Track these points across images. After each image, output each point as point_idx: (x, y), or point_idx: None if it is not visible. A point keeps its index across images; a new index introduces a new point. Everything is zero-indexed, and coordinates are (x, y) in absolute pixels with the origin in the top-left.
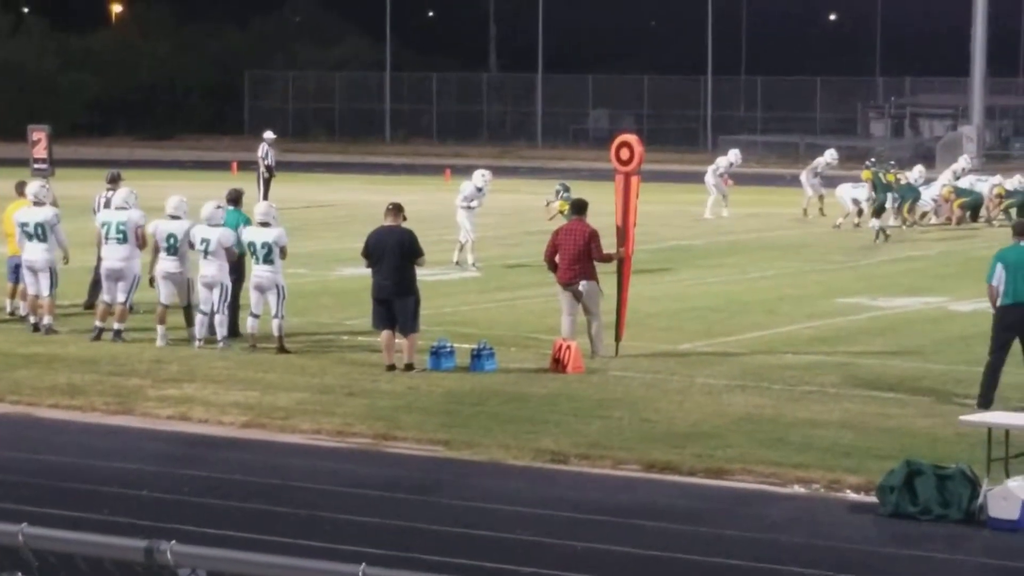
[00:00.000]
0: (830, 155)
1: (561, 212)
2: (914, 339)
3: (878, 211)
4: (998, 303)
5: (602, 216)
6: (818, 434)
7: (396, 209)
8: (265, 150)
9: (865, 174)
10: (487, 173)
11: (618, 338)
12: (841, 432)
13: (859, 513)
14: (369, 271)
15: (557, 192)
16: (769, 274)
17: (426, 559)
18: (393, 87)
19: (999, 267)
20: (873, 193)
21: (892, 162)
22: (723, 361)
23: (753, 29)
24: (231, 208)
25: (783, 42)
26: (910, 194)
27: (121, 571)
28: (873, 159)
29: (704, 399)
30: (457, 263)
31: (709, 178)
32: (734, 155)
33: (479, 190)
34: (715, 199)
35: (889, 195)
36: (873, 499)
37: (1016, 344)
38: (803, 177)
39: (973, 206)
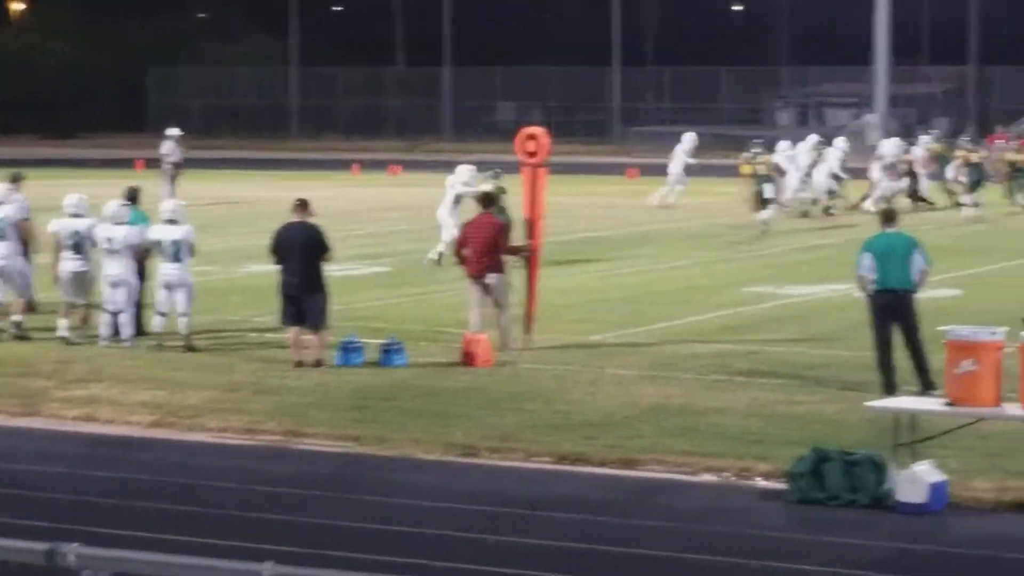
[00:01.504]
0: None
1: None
2: (821, 326)
3: (762, 203)
4: (870, 291)
5: (511, 209)
6: (728, 422)
7: (303, 205)
8: (171, 147)
9: (744, 168)
10: (472, 168)
11: (528, 330)
12: (750, 420)
13: (769, 500)
14: (277, 268)
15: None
16: (679, 264)
17: (337, 556)
18: (299, 83)
19: (868, 256)
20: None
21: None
22: (634, 352)
23: (659, 20)
24: (128, 206)
25: (689, 33)
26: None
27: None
28: (753, 151)
29: (615, 390)
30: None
31: (676, 167)
32: (689, 140)
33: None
34: (673, 190)
35: (766, 185)
36: (782, 486)
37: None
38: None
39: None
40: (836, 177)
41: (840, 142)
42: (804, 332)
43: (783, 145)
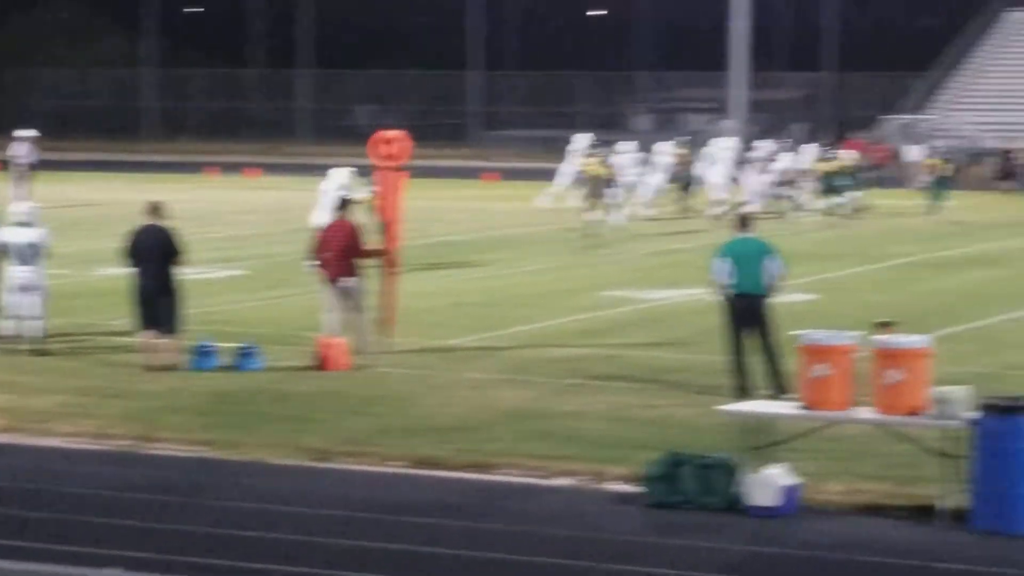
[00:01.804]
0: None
1: None
2: (677, 330)
3: (593, 205)
4: (725, 295)
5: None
6: (583, 426)
7: (156, 208)
8: (24, 148)
9: (590, 168)
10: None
11: (385, 334)
12: (606, 424)
13: (623, 504)
14: (130, 271)
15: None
16: (537, 268)
17: (189, 561)
18: (155, 84)
19: (723, 261)
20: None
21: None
22: (491, 356)
23: (518, 24)
24: None
25: (548, 38)
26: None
27: None
28: (594, 150)
29: (471, 394)
30: None
31: (566, 167)
32: (583, 140)
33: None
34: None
35: (607, 189)
36: (637, 490)
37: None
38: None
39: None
40: (730, 179)
41: (727, 143)
42: (660, 336)
43: (625, 147)
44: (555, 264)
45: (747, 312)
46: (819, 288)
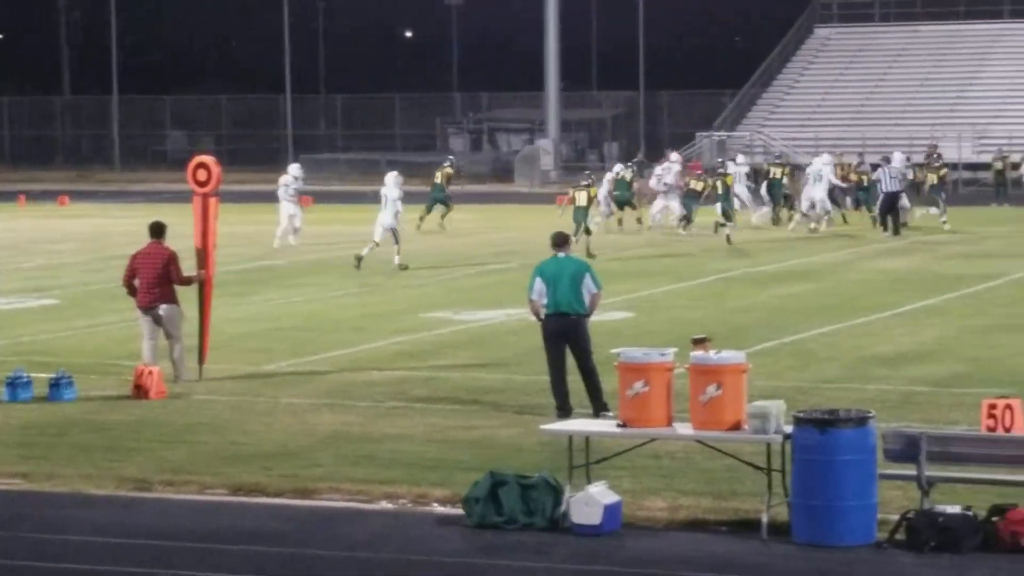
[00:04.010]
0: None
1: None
2: (498, 351)
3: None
4: (542, 315)
5: (182, 238)
6: (405, 449)
7: None
8: None
9: (442, 172)
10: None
11: (201, 361)
12: (427, 446)
13: (446, 526)
14: None
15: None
16: (354, 291)
17: None
18: None
19: (539, 281)
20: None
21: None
22: (310, 380)
23: (331, 47)
24: None
25: (361, 60)
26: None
27: None
28: (584, 182)
29: (291, 419)
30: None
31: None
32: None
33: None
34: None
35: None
36: (459, 511)
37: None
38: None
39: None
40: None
41: (674, 157)
42: (480, 357)
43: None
44: (372, 286)
45: (564, 331)
46: (635, 306)
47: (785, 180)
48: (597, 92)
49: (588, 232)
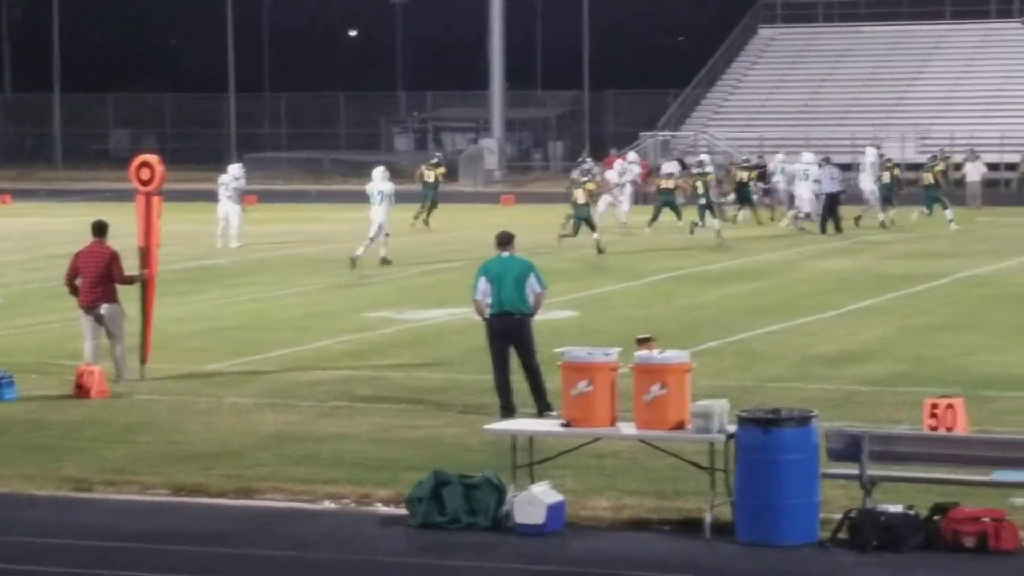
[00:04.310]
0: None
1: None
2: (442, 350)
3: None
4: (486, 315)
5: (124, 237)
6: (348, 449)
7: None
8: None
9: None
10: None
11: (144, 361)
12: (371, 446)
13: (389, 526)
14: None
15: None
16: (297, 291)
17: None
18: None
19: (483, 280)
20: None
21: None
22: (252, 380)
23: (275, 46)
24: None
25: (306, 58)
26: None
27: None
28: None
29: (233, 419)
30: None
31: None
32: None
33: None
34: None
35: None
36: (403, 511)
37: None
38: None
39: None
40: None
41: (633, 157)
42: (424, 356)
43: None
44: (317, 286)
45: (508, 331)
46: (580, 305)
47: (752, 185)
48: (542, 91)
49: (593, 228)
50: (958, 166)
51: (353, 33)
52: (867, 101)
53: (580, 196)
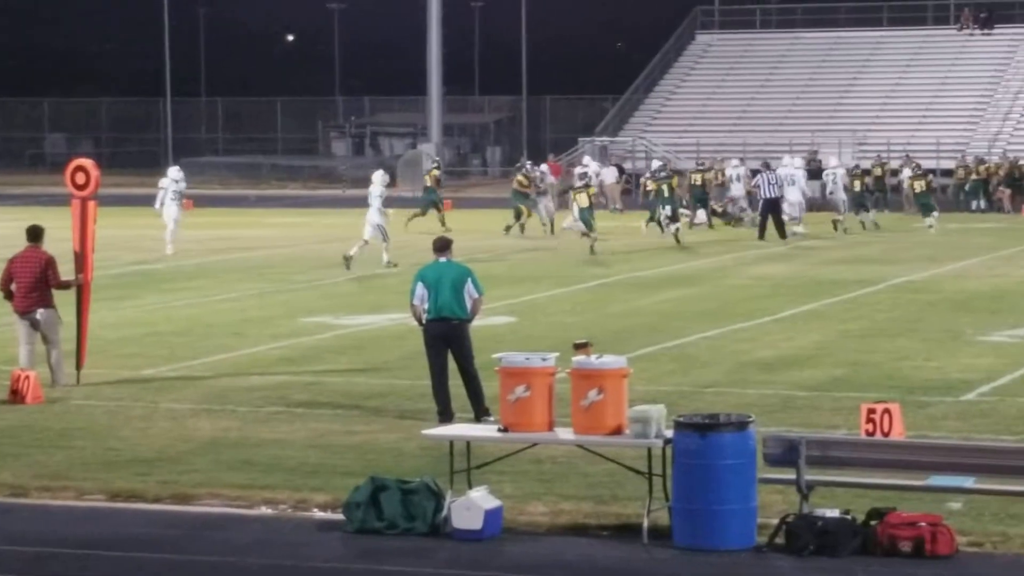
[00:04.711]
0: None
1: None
2: (379, 355)
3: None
4: (423, 320)
5: (60, 242)
6: (285, 454)
7: None
8: None
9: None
10: None
11: (79, 366)
12: (307, 451)
13: (326, 531)
14: None
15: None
16: (233, 296)
17: None
18: None
19: (420, 285)
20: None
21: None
22: (188, 385)
23: (211, 50)
24: None
25: (243, 63)
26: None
27: None
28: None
29: (169, 424)
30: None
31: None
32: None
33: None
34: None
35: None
36: (340, 517)
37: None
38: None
39: None
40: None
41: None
42: (361, 362)
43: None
44: (252, 291)
45: (445, 336)
46: (518, 310)
47: (708, 187)
48: (480, 97)
49: (591, 230)
50: (895, 171)
51: (290, 38)
52: (804, 107)
53: (583, 200)
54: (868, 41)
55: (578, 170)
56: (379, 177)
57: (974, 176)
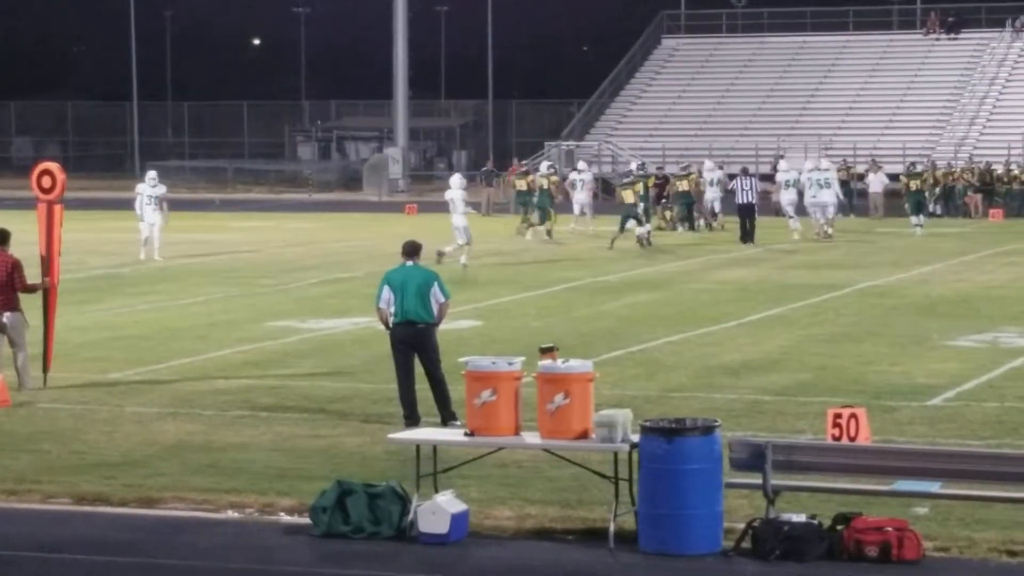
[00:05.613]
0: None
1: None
2: (344, 359)
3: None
4: (390, 324)
5: (26, 245)
6: (250, 458)
7: None
8: None
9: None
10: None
11: (46, 369)
12: (273, 455)
13: (293, 535)
14: None
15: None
16: (199, 300)
17: None
18: None
19: (386, 289)
20: None
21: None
22: (154, 389)
23: (178, 54)
24: None
25: (209, 67)
26: None
27: None
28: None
29: (135, 428)
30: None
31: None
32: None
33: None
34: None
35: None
36: (306, 521)
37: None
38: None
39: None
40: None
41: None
42: (327, 365)
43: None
44: (217, 295)
45: (411, 340)
46: (483, 314)
47: (690, 190)
48: (445, 101)
49: (640, 223)
50: (861, 176)
51: (256, 42)
52: (770, 111)
53: (629, 196)
54: (834, 45)
55: (572, 175)
56: (458, 181)
57: (930, 181)
